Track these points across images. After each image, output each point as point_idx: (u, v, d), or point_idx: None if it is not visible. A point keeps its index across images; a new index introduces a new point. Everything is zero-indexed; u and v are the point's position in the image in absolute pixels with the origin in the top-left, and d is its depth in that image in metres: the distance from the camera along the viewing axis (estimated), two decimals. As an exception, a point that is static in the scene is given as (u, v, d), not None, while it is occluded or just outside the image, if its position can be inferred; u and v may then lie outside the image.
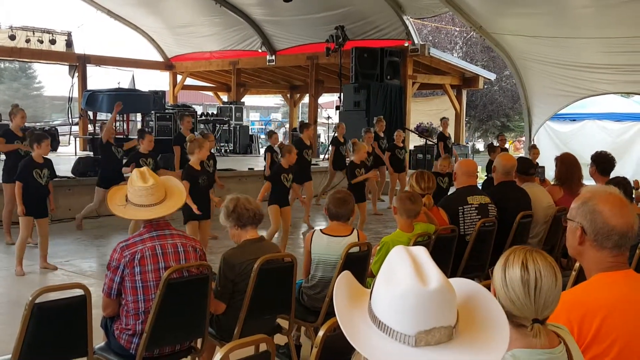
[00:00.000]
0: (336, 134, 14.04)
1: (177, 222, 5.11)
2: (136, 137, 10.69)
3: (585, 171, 6.95)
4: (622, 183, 5.73)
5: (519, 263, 2.16)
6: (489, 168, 12.32)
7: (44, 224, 8.39)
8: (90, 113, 20.12)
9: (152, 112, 20.00)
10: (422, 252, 1.80)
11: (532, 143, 15.94)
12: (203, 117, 22.61)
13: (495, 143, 15.48)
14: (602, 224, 2.71)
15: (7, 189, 9.66)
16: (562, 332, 2.27)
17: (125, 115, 22.07)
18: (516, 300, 2.13)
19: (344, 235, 5.11)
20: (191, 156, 8.17)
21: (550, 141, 19.69)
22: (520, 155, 18.05)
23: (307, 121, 19.85)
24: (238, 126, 22.75)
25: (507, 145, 16.57)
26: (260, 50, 22.91)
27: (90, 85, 22.70)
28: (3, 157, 10.88)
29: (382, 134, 14.42)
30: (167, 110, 20.55)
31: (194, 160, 8.12)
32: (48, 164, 8.36)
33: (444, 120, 16.40)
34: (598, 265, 2.76)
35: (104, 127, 10.83)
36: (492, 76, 24.62)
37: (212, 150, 10.64)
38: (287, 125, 31.08)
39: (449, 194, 8.10)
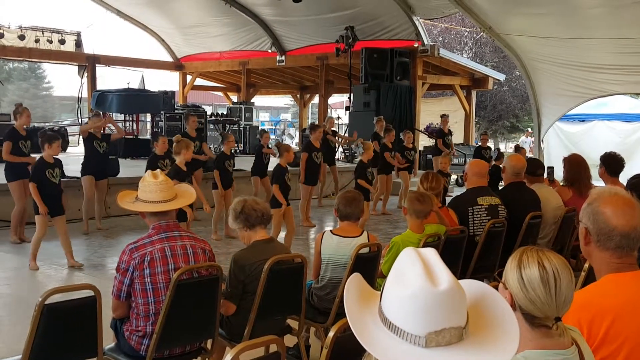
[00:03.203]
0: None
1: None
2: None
3: (594, 172, 6.93)
4: None
5: (534, 262, 2.15)
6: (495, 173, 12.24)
7: (61, 222, 8.44)
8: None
9: (162, 112, 20.05)
10: (432, 254, 1.81)
11: (518, 144, 15.92)
12: (213, 118, 22.59)
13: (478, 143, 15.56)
14: (604, 225, 2.72)
15: (13, 187, 9.69)
16: (574, 333, 2.27)
17: (135, 116, 22.16)
18: (537, 300, 2.12)
19: (353, 236, 5.11)
20: (177, 157, 8.32)
21: (560, 142, 19.65)
22: (530, 155, 18.03)
23: (317, 122, 19.76)
24: (248, 126, 22.77)
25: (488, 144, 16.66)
26: (270, 51, 22.91)
27: (100, 86, 22.80)
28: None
29: (382, 134, 14.40)
30: (176, 111, 20.60)
31: (179, 160, 8.25)
32: (58, 163, 8.43)
33: (444, 118, 16.59)
34: (606, 266, 2.76)
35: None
36: (501, 77, 24.61)
37: (232, 151, 11.00)
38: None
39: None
